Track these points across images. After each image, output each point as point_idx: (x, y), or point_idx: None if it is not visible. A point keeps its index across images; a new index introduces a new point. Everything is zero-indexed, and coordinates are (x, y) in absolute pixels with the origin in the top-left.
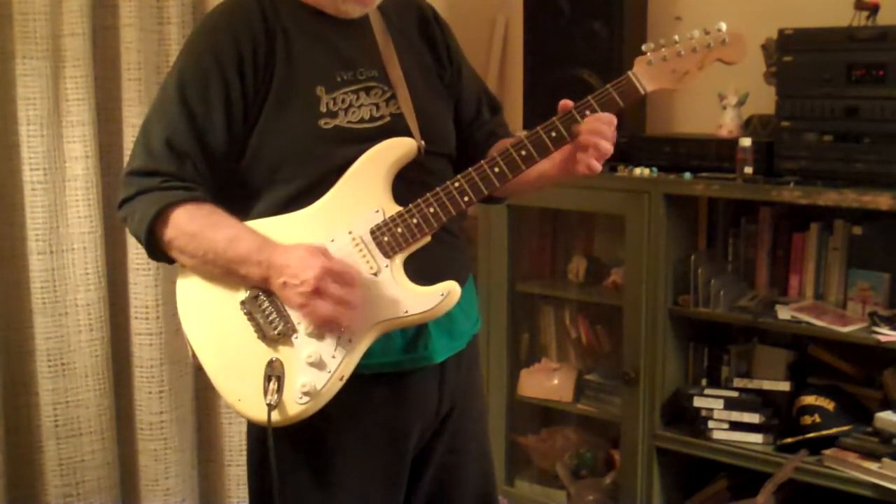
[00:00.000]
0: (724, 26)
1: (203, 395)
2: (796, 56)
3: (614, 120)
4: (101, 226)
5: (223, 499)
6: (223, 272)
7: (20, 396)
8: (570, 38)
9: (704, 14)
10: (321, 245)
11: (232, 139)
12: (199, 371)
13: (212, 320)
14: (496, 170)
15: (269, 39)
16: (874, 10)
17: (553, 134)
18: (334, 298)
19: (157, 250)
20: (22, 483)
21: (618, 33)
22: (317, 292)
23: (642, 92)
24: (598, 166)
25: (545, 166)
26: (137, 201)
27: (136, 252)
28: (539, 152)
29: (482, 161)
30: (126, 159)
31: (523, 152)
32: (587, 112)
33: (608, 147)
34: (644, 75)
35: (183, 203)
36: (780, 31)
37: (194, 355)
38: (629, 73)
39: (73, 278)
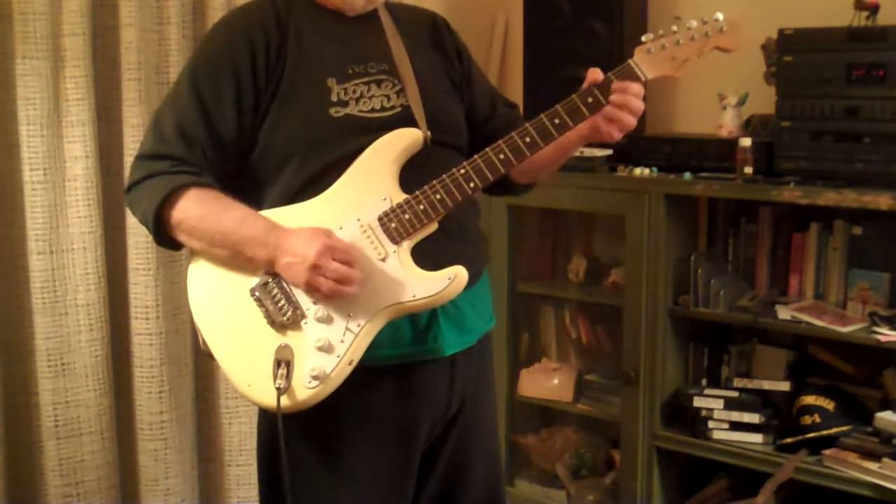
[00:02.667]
0: (721, 16)
1: (203, 395)
2: (796, 56)
3: (641, 90)
4: (101, 226)
5: (223, 499)
6: (230, 254)
7: (20, 396)
8: (570, 38)
9: (704, 14)
10: (325, 227)
11: (241, 129)
12: (208, 360)
13: (222, 307)
14: (501, 156)
15: (282, 37)
16: (874, 10)
17: (556, 121)
18: (335, 274)
19: (164, 235)
20: (22, 483)
21: (618, 33)
22: (317, 268)
23: (643, 79)
24: (619, 136)
25: (568, 137)
26: (145, 186)
27: (136, 252)
28: (543, 138)
29: (488, 148)
30: (126, 159)
31: (527, 139)
32: (589, 99)
33: (632, 121)
34: (644, 63)
35: (192, 187)
36: (780, 31)
37: (204, 342)
38: (629, 60)
39: (73, 278)
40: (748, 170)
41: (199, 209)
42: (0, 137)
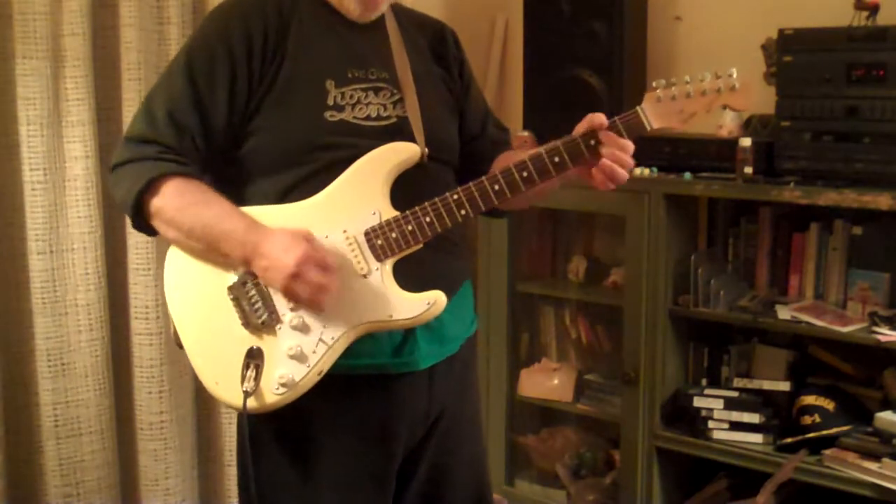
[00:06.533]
0: (735, 72)
1: (203, 395)
2: (796, 56)
3: (631, 147)
4: (101, 226)
5: (223, 499)
6: (206, 247)
7: (20, 396)
8: (570, 38)
9: (704, 14)
10: (304, 230)
11: (231, 118)
12: (180, 348)
13: (197, 301)
14: (496, 187)
15: (282, 29)
16: (874, 10)
17: (556, 159)
18: (313, 283)
19: (142, 221)
20: (22, 483)
21: (618, 33)
22: (297, 277)
23: (648, 128)
24: (611, 186)
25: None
26: (129, 168)
27: (136, 252)
28: (540, 175)
29: (484, 177)
30: None
31: (525, 174)
32: (592, 142)
33: (624, 175)
34: (652, 111)
35: (175, 176)
36: (780, 31)
37: (176, 333)
38: (638, 108)
39: (73, 278)
40: (748, 170)
41: (179, 199)
42: (0, 137)
